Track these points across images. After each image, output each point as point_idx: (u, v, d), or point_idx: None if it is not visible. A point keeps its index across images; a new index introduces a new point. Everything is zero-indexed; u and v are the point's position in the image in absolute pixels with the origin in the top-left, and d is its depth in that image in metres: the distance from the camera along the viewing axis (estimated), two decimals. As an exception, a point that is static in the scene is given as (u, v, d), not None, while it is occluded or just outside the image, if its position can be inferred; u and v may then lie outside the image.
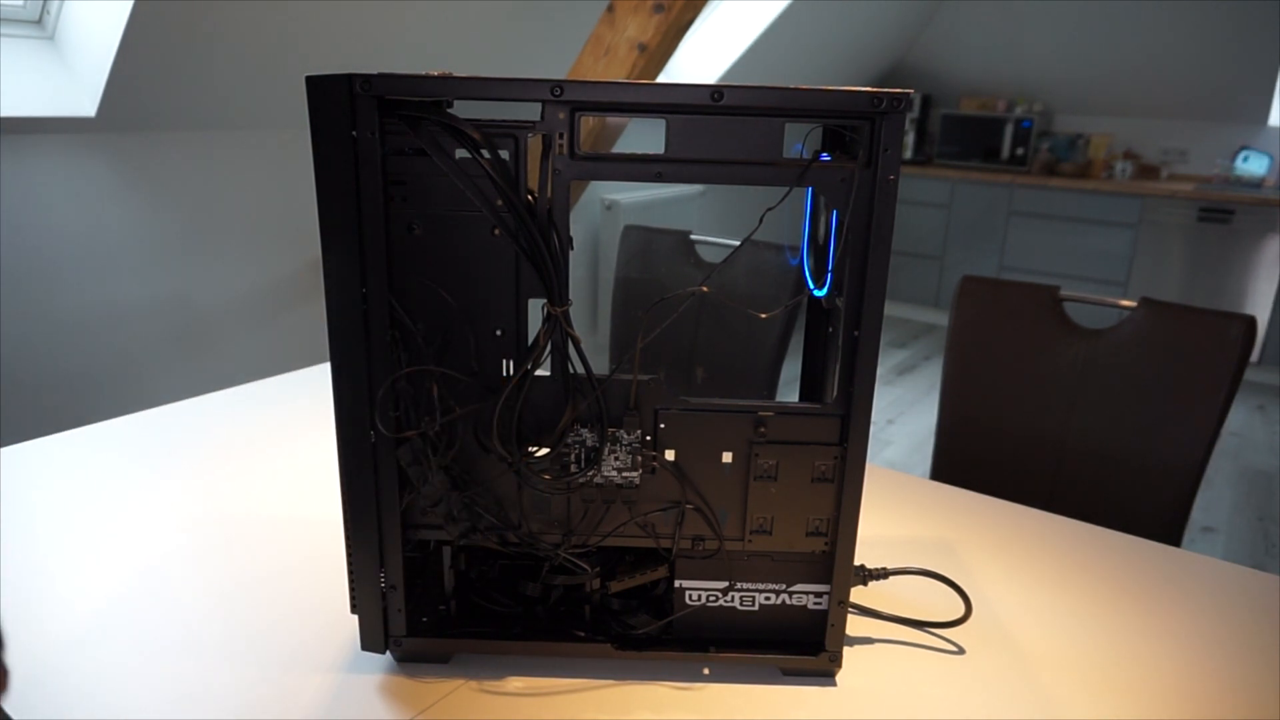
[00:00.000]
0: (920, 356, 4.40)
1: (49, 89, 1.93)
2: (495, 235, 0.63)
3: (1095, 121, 4.72)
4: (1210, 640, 0.79)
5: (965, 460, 1.40)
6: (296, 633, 0.76)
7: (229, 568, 0.85)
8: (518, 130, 0.62)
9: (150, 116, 2.06)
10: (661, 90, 0.61)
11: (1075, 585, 0.88)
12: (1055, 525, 1.01)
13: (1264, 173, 4.26)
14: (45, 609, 0.77)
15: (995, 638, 0.78)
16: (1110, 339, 1.29)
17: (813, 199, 0.75)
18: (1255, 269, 3.99)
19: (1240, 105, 4.34)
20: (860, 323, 0.65)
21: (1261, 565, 2.55)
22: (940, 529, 0.98)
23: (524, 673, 0.71)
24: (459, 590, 0.75)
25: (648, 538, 0.70)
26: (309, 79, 0.59)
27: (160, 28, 1.88)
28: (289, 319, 2.53)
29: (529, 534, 0.70)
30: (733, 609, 0.72)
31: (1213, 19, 4.23)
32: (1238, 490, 3.09)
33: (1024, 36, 4.73)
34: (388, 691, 0.69)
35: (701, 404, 0.67)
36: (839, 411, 0.67)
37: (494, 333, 0.66)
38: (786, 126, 0.63)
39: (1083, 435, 1.31)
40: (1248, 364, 1.18)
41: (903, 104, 0.60)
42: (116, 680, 0.68)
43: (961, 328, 1.39)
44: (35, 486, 1.00)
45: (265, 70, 2.18)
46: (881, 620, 0.80)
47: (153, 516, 0.95)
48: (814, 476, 0.68)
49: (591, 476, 0.68)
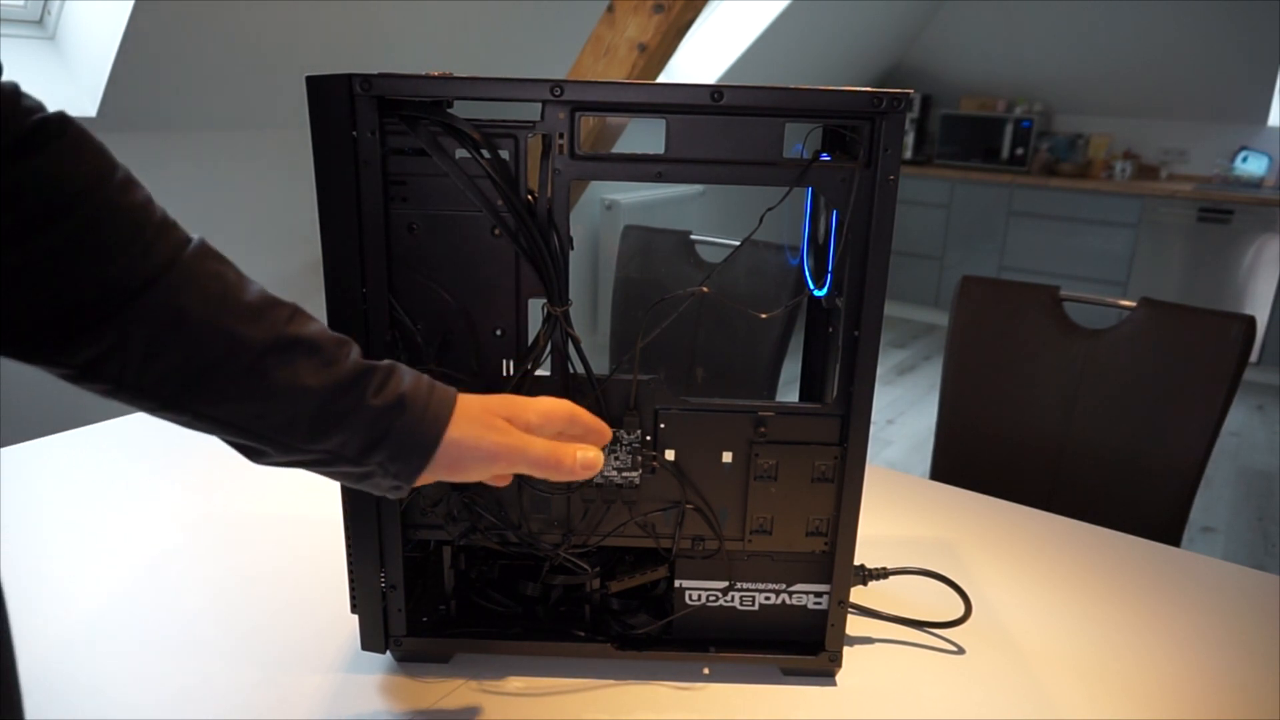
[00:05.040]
0: (920, 356, 4.40)
1: (49, 89, 1.93)
2: (495, 235, 0.63)
3: (1095, 121, 4.72)
4: (1210, 640, 0.79)
5: (965, 460, 1.40)
6: (296, 632, 0.75)
7: (229, 567, 0.85)
8: (518, 130, 0.62)
9: (150, 116, 2.06)
10: (661, 90, 0.61)
11: (1075, 585, 0.88)
12: (1055, 525, 1.01)
13: (1263, 173, 4.26)
14: (45, 609, 0.77)
15: (995, 638, 0.78)
16: (1110, 339, 1.28)
17: (813, 199, 0.75)
18: (1255, 269, 3.99)
19: (1240, 105, 4.34)
20: (860, 323, 0.65)
21: (1261, 565, 2.55)
22: (940, 529, 0.98)
23: (524, 673, 0.71)
24: (459, 590, 0.75)
25: (648, 538, 0.70)
26: (309, 79, 0.59)
27: (160, 28, 1.88)
28: (289, 319, 2.52)
29: (529, 534, 0.70)
30: (733, 609, 0.72)
31: (1213, 19, 4.23)
32: (1238, 490, 3.09)
33: (1024, 36, 4.72)
34: (388, 691, 0.69)
35: (701, 404, 0.67)
36: (839, 411, 0.67)
37: (494, 333, 0.66)
38: (786, 126, 0.63)
39: (1082, 435, 1.31)
40: (1247, 364, 1.18)
41: (903, 104, 0.60)
42: (116, 679, 0.68)
43: (961, 328, 1.39)
44: (35, 486, 1.00)
45: (265, 70, 2.18)
46: (881, 620, 0.80)
47: (153, 516, 0.95)
48: (814, 476, 0.68)
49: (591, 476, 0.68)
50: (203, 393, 0.48)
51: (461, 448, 0.54)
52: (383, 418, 0.51)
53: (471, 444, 0.54)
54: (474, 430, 0.54)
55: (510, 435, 0.56)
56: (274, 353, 0.48)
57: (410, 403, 0.52)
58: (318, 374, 0.49)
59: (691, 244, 1.62)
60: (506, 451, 0.55)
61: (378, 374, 0.52)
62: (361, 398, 0.51)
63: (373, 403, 0.51)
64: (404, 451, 0.52)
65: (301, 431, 0.50)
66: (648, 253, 1.64)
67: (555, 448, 0.57)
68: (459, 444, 0.54)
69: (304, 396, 0.49)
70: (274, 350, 0.48)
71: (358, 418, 0.51)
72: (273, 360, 0.48)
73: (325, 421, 0.50)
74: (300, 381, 0.49)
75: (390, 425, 0.52)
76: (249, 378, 0.48)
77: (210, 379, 0.47)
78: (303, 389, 0.49)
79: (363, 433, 0.51)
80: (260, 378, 0.48)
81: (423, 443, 0.53)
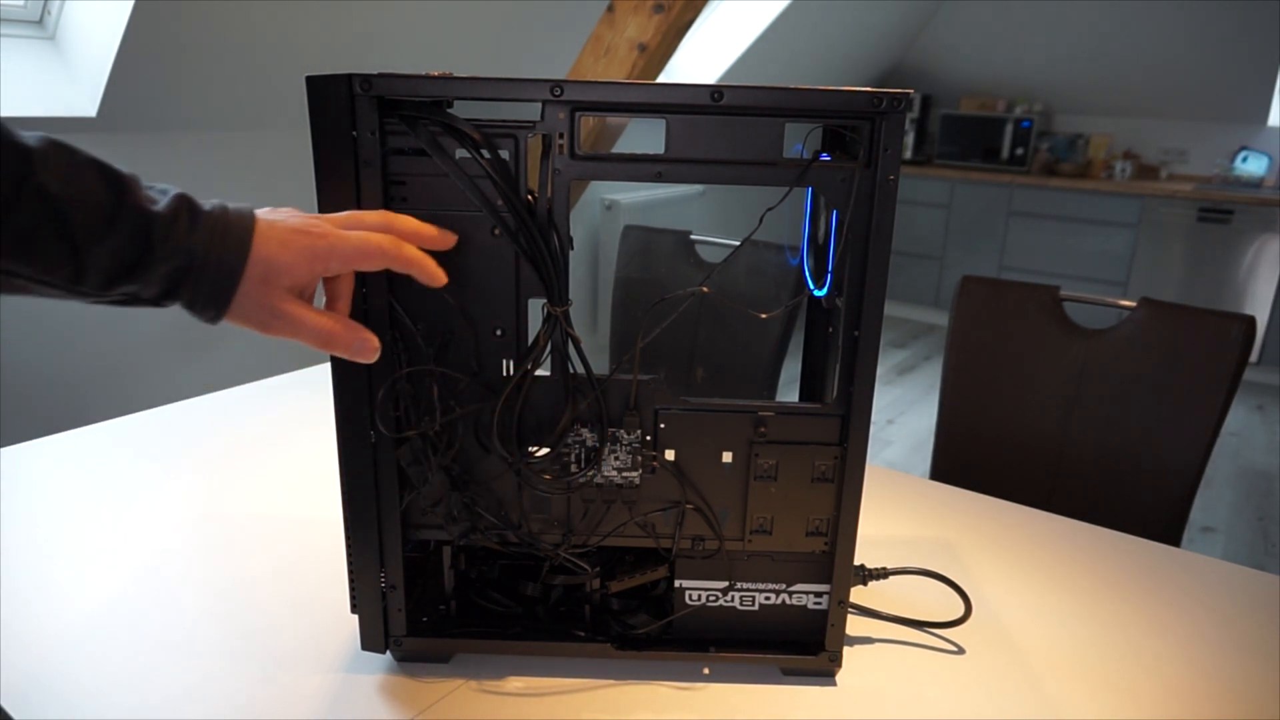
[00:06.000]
0: (920, 356, 4.40)
1: (49, 89, 1.93)
2: (495, 235, 0.63)
3: (1095, 121, 4.72)
4: (1210, 640, 0.79)
5: (965, 460, 1.40)
6: (296, 632, 0.75)
7: (229, 567, 0.85)
8: (518, 130, 0.62)
9: (150, 116, 2.06)
10: (661, 90, 0.61)
11: (1075, 585, 0.88)
12: (1055, 525, 1.01)
13: (1263, 173, 4.26)
14: (45, 608, 0.77)
15: (995, 638, 0.78)
16: (1110, 339, 1.28)
17: (813, 199, 0.75)
18: (1255, 269, 3.99)
19: (1240, 105, 4.34)
20: (860, 323, 0.65)
21: (1261, 565, 2.55)
22: (940, 529, 0.98)
23: (524, 673, 0.71)
24: (459, 590, 0.75)
25: (648, 538, 0.70)
26: (309, 79, 0.59)
27: (160, 28, 1.88)
28: (289, 319, 2.52)
29: (529, 534, 0.70)
30: (733, 609, 0.72)
31: (1213, 19, 4.23)
32: (1237, 490, 3.09)
33: (1024, 36, 4.72)
34: (388, 691, 0.69)
35: (701, 404, 0.67)
36: (839, 411, 0.67)
37: (494, 333, 0.66)
38: (786, 126, 0.63)
39: (1082, 435, 1.31)
40: (1247, 364, 1.18)
41: (903, 104, 0.60)
42: (116, 679, 0.68)
43: (961, 328, 1.39)
44: (35, 486, 1.00)
45: (265, 70, 2.18)
46: (881, 620, 0.80)
47: (153, 516, 0.95)
48: (814, 476, 0.68)
49: (591, 476, 0.68)
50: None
51: (271, 264, 0.54)
52: (176, 269, 0.51)
53: (279, 251, 0.54)
54: (278, 238, 0.54)
55: (320, 229, 0.56)
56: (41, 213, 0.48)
57: (203, 245, 0.52)
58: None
59: (691, 244, 1.62)
60: (324, 247, 0.55)
61: (158, 222, 0.51)
62: (151, 256, 0.51)
63: (160, 252, 0.51)
64: (207, 287, 0.52)
65: (90, 286, 0.50)
66: (648, 253, 1.64)
67: (366, 247, 0.57)
68: (267, 261, 0.53)
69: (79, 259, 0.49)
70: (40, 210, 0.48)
71: (147, 272, 0.51)
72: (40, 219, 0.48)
73: (110, 277, 0.50)
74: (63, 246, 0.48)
75: (186, 271, 0.51)
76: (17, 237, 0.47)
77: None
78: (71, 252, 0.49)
79: (157, 283, 0.51)
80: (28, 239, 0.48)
81: (227, 270, 0.52)
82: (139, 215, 0.50)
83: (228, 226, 0.53)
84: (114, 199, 0.50)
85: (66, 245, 0.49)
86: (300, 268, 0.55)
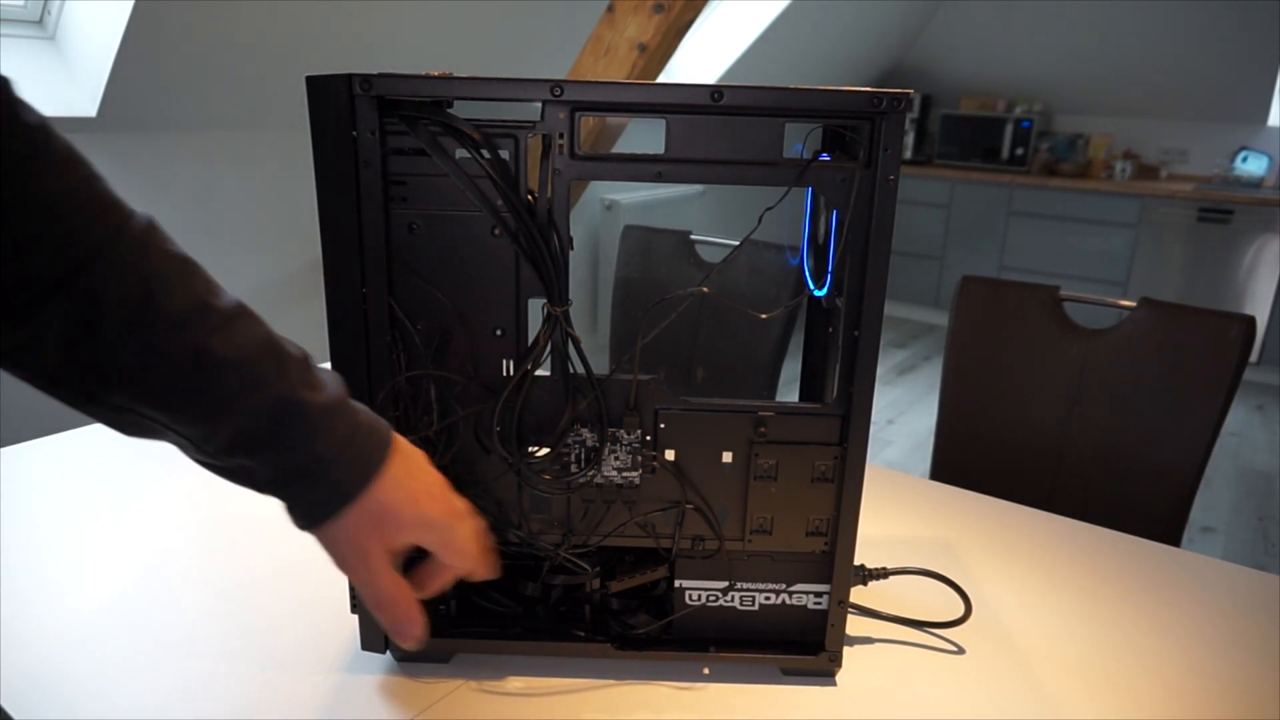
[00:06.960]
0: (920, 356, 4.40)
1: (49, 89, 1.93)
2: (495, 235, 0.63)
3: (1095, 121, 4.72)
4: (1210, 640, 0.79)
5: (965, 460, 1.40)
6: (296, 633, 0.75)
7: (229, 567, 0.85)
8: (518, 130, 0.62)
9: (150, 116, 2.06)
10: (661, 90, 0.61)
11: (1075, 585, 0.88)
12: (1055, 525, 1.01)
13: (1263, 173, 4.26)
14: (45, 608, 0.77)
15: (995, 638, 0.78)
16: (1110, 339, 1.28)
17: (813, 199, 0.75)
18: (1255, 269, 3.99)
19: (1240, 105, 4.34)
20: (860, 323, 0.65)
21: (1261, 565, 2.55)
22: (940, 529, 0.98)
23: (524, 673, 0.71)
24: (459, 590, 0.75)
25: (648, 538, 0.70)
26: (309, 79, 0.59)
27: (160, 28, 1.88)
28: (289, 319, 2.52)
29: (529, 534, 0.70)
30: (733, 609, 0.72)
31: (1213, 19, 4.23)
32: (1237, 490, 3.09)
33: (1024, 36, 4.72)
34: (388, 691, 0.69)
35: (701, 404, 0.67)
36: (839, 411, 0.67)
37: (494, 333, 0.65)
38: (786, 126, 0.63)
39: (1082, 435, 1.31)
40: (1247, 364, 1.18)
41: (903, 104, 0.60)
42: (116, 679, 0.68)
43: (961, 328, 1.39)
44: (35, 486, 1.00)
45: (265, 70, 2.18)
46: (881, 620, 0.80)
47: (153, 516, 0.95)
48: (814, 476, 0.68)
49: (591, 476, 0.68)
50: (119, 391, 0.46)
51: (388, 507, 0.51)
52: (296, 456, 0.49)
53: (403, 500, 0.52)
54: (406, 484, 0.51)
55: (448, 501, 0.54)
56: (189, 365, 0.46)
57: (331, 451, 0.49)
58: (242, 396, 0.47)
59: (691, 244, 1.62)
60: (442, 520, 0.54)
61: (296, 421, 0.49)
62: (280, 441, 0.49)
63: (292, 441, 0.49)
64: (316, 493, 0.51)
65: (217, 445, 0.49)
66: (648, 253, 1.64)
67: (468, 553, 0.56)
68: (385, 500, 0.51)
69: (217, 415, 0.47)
70: (189, 362, 0.46)
71: (268, 455, 0.49)
72: (187, 372, 0.46)
73: (233, 445, 0.49)
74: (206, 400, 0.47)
75: (308, 467, 0.49)
76: (160, 386, 0.46)
77: (127, 381, 0.46)
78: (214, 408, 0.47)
79: (272, 465, 0.49)
80: (170, 390, 0.46)
81: (340, 488, 0.50)
82: (293, 403, 0.49)
83: (370, 451, 0.51)
84: (276, 373, 0.48)
85: (213, 404, 0.47)
86: (410, 533, 0.53)
